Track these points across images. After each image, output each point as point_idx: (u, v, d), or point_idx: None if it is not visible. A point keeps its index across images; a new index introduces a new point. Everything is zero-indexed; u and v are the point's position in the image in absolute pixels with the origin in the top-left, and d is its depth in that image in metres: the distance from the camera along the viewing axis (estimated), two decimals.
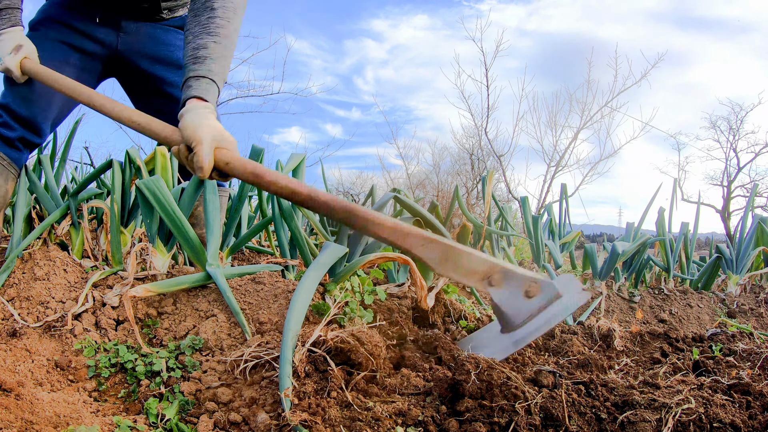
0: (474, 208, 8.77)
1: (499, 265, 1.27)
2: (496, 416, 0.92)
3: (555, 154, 10.81)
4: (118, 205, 1.69)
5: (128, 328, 1.35)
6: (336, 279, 1.47)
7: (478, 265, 1.27)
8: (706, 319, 2.61)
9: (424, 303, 1.46)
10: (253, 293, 1.44)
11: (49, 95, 1.71)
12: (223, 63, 1.46)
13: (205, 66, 1.41)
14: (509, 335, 1.25)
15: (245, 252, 2.89)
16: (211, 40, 1.44)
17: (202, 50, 1.42)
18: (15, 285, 1.44)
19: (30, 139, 1.72)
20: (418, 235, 1.27)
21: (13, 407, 0.98)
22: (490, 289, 1.27)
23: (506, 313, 1.26)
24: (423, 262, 1.29)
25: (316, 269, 1.36)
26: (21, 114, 1.67)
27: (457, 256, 1.27)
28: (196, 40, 1.44)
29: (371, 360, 1.12)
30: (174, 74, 1.91)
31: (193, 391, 1.13)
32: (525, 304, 1.25)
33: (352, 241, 1.61)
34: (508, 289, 1.26)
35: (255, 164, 1.29)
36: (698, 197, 3.94)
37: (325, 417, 0.94)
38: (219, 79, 1.44)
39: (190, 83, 1.39)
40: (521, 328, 1.23)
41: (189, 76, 1.40)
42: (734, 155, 10.88)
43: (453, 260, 1.27)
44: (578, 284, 1.29)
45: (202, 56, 1.42)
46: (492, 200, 3.11)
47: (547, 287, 1.25)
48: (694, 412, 0.90)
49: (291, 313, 1.18)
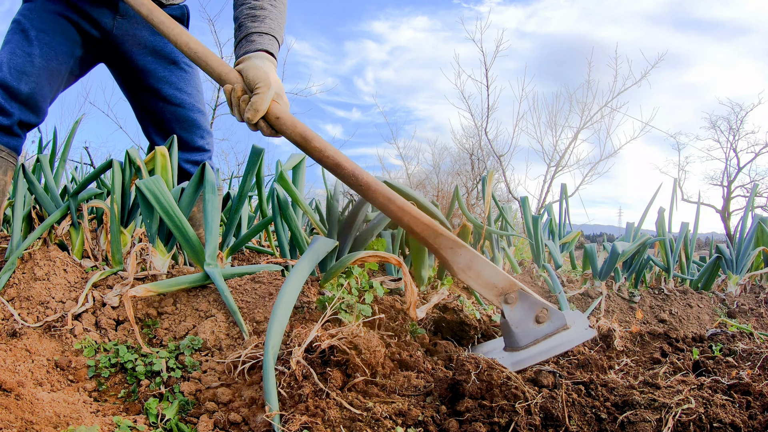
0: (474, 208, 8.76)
1: (518, 284, 1.29)
2: (496, 416, 0.92)
3: (555, 154, 10.82)
4: (118, 205, 1.69)
5: (128, 328, 1.35)
6: (327, 276, 1.46)
7: (499, 281, 1.29)
8: (706, 319, 2.61)
9: (412, 311, 1.42)
10: (251, 292, 1.44)
11: (50, 69, 1.64)
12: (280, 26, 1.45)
13: (265, 24, 1.40)
14: (510, 354, 1.26)
15: (245, 252, 2.89)
16: (267, 3, 1.43)
17: (260, 10, 1.41)
18: (15, 285, 1.44)
19: (28, 120, 1.64)
20: (450, 237, 1.29)
21: (13, 407, 0.98)
22: (504, 306, 1.29)
23: (514, 332, 1.27)
24: (446, 264, 1.31)
25: (303, 266, 1.28)
26: (19, 91, 1.58)
27: (481, 267, 1.30)
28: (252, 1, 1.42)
29: (369, 367, 1.10)
30: (165, 69, 1.88)
31: (193, 391, 1.13)
32: (533, 328, 1.26)
33: (341, 236, 1.57)
34: (521, 310, 1.28)
35: (305, 127, 1.28)
36: (698, 197, 3.94)
37: (325, 418, 0.94)
38: (279, 39, 1.42)
39: (253, 38, 1.37)
40: (524, 351, 1.25)
41: (251, 31, 1.38)
42: (734, 155, 10.89)
43: (476, 270, 1.29)
44: (586, 321, 1.31)
45: (261, 16, 1.40)
46: (492, 200, 3.11)
47: (556, 316, 1.27)
48: (694, 412, 0.90)
49: (273, 322, 1.10)
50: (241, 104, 1.29)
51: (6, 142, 1.62)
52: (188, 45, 1.36)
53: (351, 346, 1.09)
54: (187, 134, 1.96)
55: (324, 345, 1.08)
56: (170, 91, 1.90)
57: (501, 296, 1.30)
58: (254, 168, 1.77)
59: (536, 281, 2.74)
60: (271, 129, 1.30)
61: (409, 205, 1.29)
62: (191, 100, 1.95)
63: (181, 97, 1.92)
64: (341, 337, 1.11)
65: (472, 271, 1.30)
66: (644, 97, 17.13)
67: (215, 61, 1.34)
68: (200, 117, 1.99)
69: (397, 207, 1.28)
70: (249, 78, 1.27)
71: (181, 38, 1.36)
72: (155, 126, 1.95)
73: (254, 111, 1.25)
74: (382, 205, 1.28)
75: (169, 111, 1.91)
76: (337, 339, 1.10)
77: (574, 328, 1.27)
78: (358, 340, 1.10)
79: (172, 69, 1.90)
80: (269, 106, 1.27)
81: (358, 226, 1.57)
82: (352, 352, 1.08)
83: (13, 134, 1.63)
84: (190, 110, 1.95)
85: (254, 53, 1.35)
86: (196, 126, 1.97)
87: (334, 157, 1.28)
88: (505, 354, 1.28)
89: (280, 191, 1.74)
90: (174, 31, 1.37)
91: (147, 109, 1.94)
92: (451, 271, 1.31)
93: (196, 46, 1.35)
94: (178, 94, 1.91)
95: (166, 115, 1.92)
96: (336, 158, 1.28)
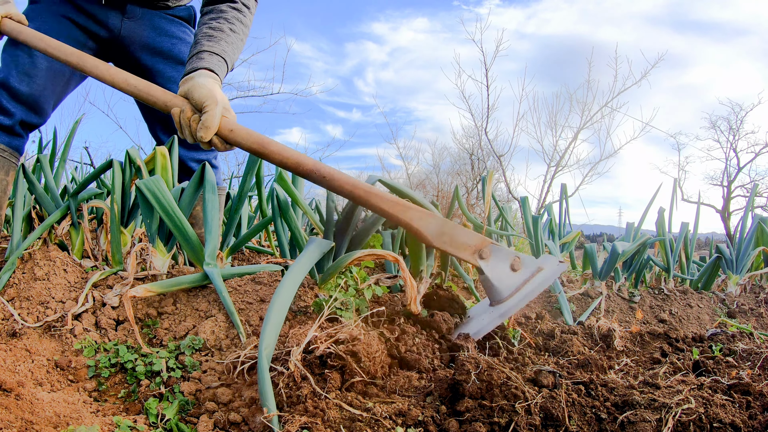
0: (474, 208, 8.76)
1: (488, 240, 1.38)
2: (496, 416, 0.92)
3: (555, 154, 10.81)
4: (118, 205, 1.69)
5: (128, 328, 1.35)
6: (325, 277, 1.45)
7: (470, 239, 1.37)
8: (706, 319, 2.61)
9: (413, 305, 1.44)
10: (252, 293, 1.44)
11: (54, 70, 1.64)
12: (234, 51, 1.46)
13: (219, 46, 1.41)
14: (497, 308, 1.36)
15: (245, 252, 2.89)
16: (228, 26, 1.45)
17: (218, 32, 1.43)
18: (15, 285, 1.44)
19: (30, 120, 1.64)
20: (416, 209, 1.36)
21: (13, 407, 0.98)
22: (480, 261, 1.37)
23: (494, 286, 1.37)
24: (421, 235, 1.36)
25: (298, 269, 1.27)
26: (22, 92, 1.59)
27: (452, 230, 1.37)
28: (213, 23, 1.44)
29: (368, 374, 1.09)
30: (172, 69, 1.89)
31: (193, 391, 1.13)
32: (511, 277, 1.37)
33: (338, 236, 1.58)
34: (496, 262, 1.37)
35: (259, 134, 1.31)
36: (698, 197, 3.93)
37: (325, 418, 0.94)
38: (229, 62, 1.44)
39: (203, 56, 1.38)
40: (508, 300, 1.35)
41: (202, 49, 1.39)
42: (734, 155, 10.89)
43: (449, 234, 1.37)
44: (557, 258, 1.41)
45: (217, 37, 1.42)
46: (492, 200, 3.11)
47: (529, 261, 1.39)
48: (694, 412, 0.90)
49: (267, 324, 1.08)
50: (192, 124, 1.30)
51: (8, 142, 1.62)
52: (127, 81, 1.37)
53: (350, 352, 1.07)
54: None
55: (321, 351, 1.08)
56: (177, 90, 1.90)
57: (476, 254, 1.37)
58: (254, 168, 1.77)
59: None
60: (224, 143, 1.32)
61: (374, 188, 1.34)
62: None
63: None
64: (339, 340, 1.09)
65: (446, 236, 1.36)
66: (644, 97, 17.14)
67: (158, 92, 1.36)
68: None
69: (363, 191, 1.33)
70: (195, 98, 1.29)
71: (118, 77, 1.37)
72: (162, 125, 1.95)
73: (206, 129, 1.26)
74: (348, 192, 1.33)
75: None
76: (334, 342, 1.09)
77: (548, 267, 1.38)
78: (358, 346, 1.09)
79: (179, 69, 1.90)
80: (220, 122, 1.28)
81: (355, 225, 1.57)
82: (350, 359, 1.07)
83: (15, 134, 1.63)
84: None
85: (197, 72, 1.35)
86: None
87: (292, 157, 1.31)
88: (492, 309, 1.37)
89: (280, 191, 1.74)
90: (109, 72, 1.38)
91: (154, 109, 1.94)
92: (426, 242, 1.36)
93: (136, 82, 1.37)
94: None
95: None
96: (295, 157, 1.31)
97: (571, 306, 2.37)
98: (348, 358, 1.07)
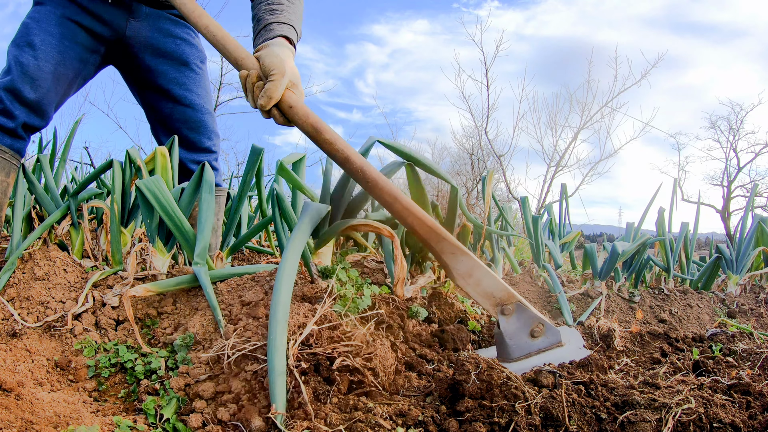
0: (474, 208, 8.76)
1: (516, 296, 1.28)
2: (496, 416, 0.92)
3: (555, 155, 10.81)
4: (118, 205, 1.69)
5: (128, 328, 1.35)
6: (320, 242, 1.41)
7: (498, 291, 1.28)
8: (706, 319, 2.61)
9: (400, 287, 1.38)
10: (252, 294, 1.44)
11: (58, 74, 1.65)
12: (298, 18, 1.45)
13: (283, 16, 1.40)
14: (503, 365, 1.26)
15: (245, 252, 2.89)
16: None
17: (278, 5, 1.42)
18: (15, 285, 1.44)
19: (33, 123, 1.65)
20: (452, 243, 1.27)
21: (13, 407, 0.98)
22: (500, 317, 1.28)
23: (507, 344, 1.26)
24: (446, 269, 1.29)
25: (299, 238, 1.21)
26: (27, 97, 1.60)
27: (481, 276, 1.28)
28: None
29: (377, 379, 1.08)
30: (176, 71, 1.89)
31: (182, 386, 1.12)
32: (527, 342, 1.26)
33: (334, 202, 1.53)
34: (517, 322, 1.27)
35: (318, 118, 1.26)
36: (698, 197, 3.93)
37: (326, 420, 0.94)
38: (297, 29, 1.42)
39: (272, 27, 1.37)
40: (515, 363, 1.24)
41: (269, 22, 1.38)
42: (734, 155, 10.89)
43: (476, 278, 1.28)
44: (581, 341, 1.30)
45: (278, 9, 1.41)
46: (492, 200, 3.10)
47: (551, 332, 1.27)
48: (694, 412, 0.90)
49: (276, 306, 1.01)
50: (255, 90, 1.27)
51: (10, 144, 1.63)
52: (207, 28, 1.33)
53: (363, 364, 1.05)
54: (195, 135, 1.98)
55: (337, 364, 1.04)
56: (180, 92, 1.91)
57: (498, 306, 1.28)
58: (254, 168, 1.77)
59: (536, 281, 2.73)
60: (283, 117, 1.28)
61: (415, 206, 1.26)
62: (201, 101, 1.96)
63: (191, 98, 1.93)
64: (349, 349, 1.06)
65: (472, 278, 1.28)
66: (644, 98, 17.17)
67: (233, 45, 1.32)
68: (208, 118, 2.01)
69: (402, 206, 1.26)
70: (265, 64, 1.26)
71: (201, 20, 1.34)
72: (163, 126, 1.96)
73: (267, 98, 1.23)
74: (387, 203, 1.26)
75: (178, 111, 1.93)
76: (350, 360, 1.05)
77: (569, 345, 1.27)
78: (375, 361, 1.06)
79: (183, 70, 1.90)
80: (283, 94, 1.25)
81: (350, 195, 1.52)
82: (368, 374, 1.05)
83: (17, 137, 1.64)
84: (199, 111, 1.96)
85: (272, 40, 1.34)
86: (204, 127, 1.99)
87: (343, 150, 1.26)
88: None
89: (280, 191, 1.74)
90: (195, 13, 1.35)
91: (156, 110, 1.94)
92: (450, 277, 1.29)
93: (215, 30, 1.33)
94: (188, 95, 1.92)
95: (174, 116, 1.93)
96: (346, 152, 1.26)
97: (571, 306, 2.37)
98: (366, 373, 1.05)
